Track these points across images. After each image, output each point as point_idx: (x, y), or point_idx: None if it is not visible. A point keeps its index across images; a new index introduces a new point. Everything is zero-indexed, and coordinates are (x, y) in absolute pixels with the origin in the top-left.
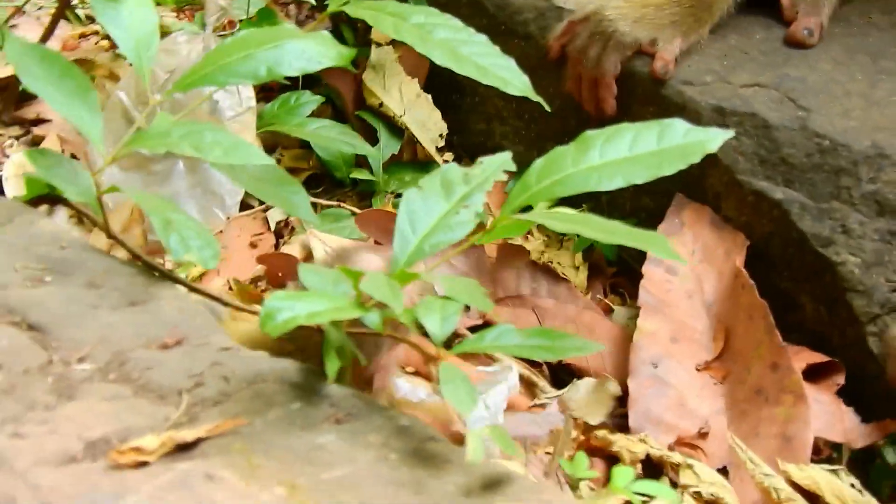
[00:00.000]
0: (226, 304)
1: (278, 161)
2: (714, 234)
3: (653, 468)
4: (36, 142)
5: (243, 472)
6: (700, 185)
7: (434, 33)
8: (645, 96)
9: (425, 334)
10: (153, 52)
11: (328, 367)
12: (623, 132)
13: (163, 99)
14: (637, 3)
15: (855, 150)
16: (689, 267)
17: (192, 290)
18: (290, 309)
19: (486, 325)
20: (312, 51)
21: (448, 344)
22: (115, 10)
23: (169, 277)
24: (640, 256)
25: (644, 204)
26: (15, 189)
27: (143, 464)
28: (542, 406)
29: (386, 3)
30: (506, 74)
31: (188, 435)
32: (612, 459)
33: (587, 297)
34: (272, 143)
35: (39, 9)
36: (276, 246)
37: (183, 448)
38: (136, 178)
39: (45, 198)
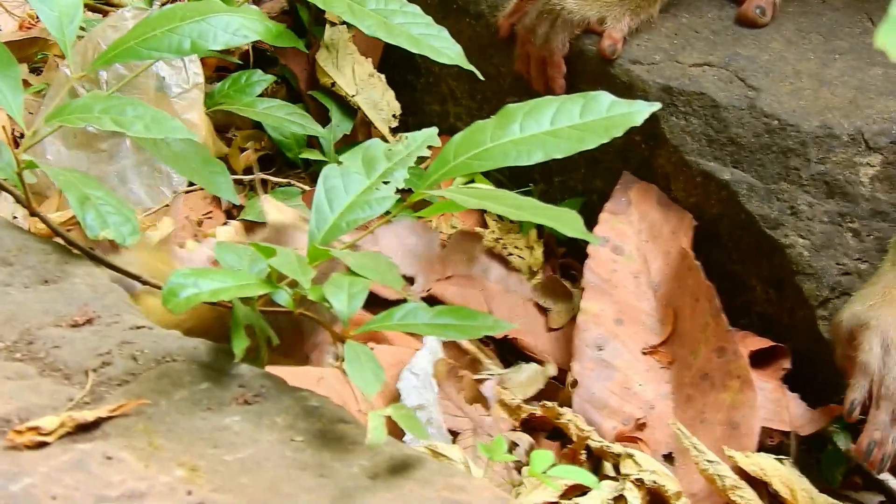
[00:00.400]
0: (144, 282)
1: (230, 140)
2: (661, 213)
3: (597, 457)
4: None
5: (143, 453)
6: (650, 165)
7: (366, 4)
8: (593, 75)
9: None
10: (76, 26)
11: (235, 345)
12: (545, 105)
13: (84, 73)
14: None
15: (804, 131)
16: (635, 246)
17: (110, 267)
18: (193, 286)
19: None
20: (237, 24)
21: None
22: None
23: (87, 254)
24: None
25: (595, 186)
26: None
27: (42, 444)
28: (482, 381)
29: None
30: (437, 44)
31: (89, 415)
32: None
33: (540, 277)
34: (226, 123)
35: None
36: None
37: (84, 428)
38: (82, 156)
39: None
